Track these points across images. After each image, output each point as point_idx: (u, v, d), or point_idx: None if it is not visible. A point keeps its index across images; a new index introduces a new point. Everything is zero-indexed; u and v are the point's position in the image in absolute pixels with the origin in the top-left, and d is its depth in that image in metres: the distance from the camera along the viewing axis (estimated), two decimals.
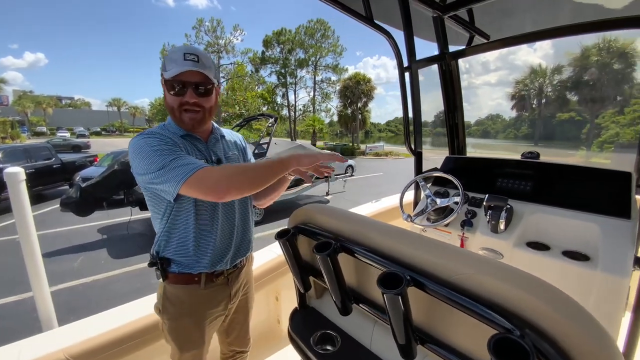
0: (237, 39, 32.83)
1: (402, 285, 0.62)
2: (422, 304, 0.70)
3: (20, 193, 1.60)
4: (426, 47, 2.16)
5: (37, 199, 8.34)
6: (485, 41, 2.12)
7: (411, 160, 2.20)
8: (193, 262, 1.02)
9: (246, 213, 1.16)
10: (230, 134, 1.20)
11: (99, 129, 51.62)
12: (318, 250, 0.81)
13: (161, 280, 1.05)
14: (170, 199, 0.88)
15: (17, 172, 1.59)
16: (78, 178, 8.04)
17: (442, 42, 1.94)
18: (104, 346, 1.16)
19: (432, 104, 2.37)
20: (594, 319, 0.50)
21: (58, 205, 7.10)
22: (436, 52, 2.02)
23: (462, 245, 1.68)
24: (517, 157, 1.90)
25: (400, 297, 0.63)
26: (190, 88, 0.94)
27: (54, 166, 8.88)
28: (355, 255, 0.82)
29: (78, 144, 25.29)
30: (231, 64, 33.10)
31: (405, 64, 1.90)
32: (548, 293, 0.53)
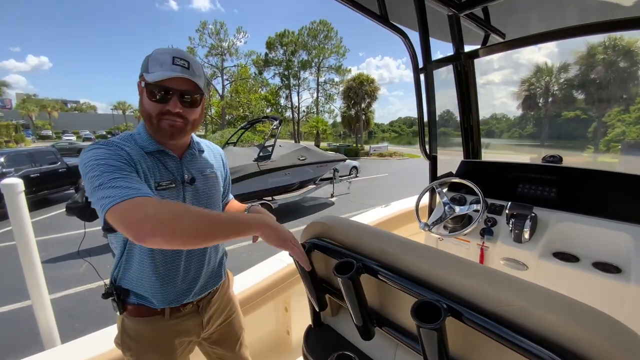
0: (241, 42, 32.99)
1: (441, 318, 0.54)
2: (459, 333, 0.62)
3: (18, 204, 1.54)
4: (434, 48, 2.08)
5: (42, 203, 8.38)
6: (501, 40, 2.03)
7: (415, 160, 2.13)
8: (155, 297, 0.88)
9: None
10: (210, 149, 1.08)
11: (104, 132, 52.14)
12: (339, 271, 0.74)
13: (118, 313, 0.92)
14: (100, 226, 0.75)
15: (15, 184, 1.53)
16: (83, 182, 8.06)
17: (458, 41, 1.87)
18: None
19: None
20: None
21: (64, 210, 7.11)
22: (444, 53, 1.95)
23: (482, 255, 1.59)
24: (528, 159, 1.81)
25: (437, 331, 0.55)
26: (176, 96, 0.82)
27: (60, 170, 8.90)
28: (379, 276, 0.74)
29: (84, 147, 25.52)
30: (235, 66, 33.25)
31: (421, 65, 1.82)
32: (613, 331, 0.46)
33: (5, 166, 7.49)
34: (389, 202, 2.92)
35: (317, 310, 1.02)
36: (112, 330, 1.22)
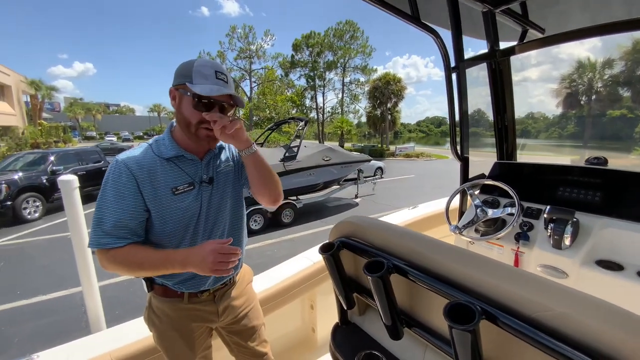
0: (268, 44, 33.67)
1: (475, 320, 0.54)
2: (493, 337, 0.61)
3: (73, 198, 1.71)
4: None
5: (87, 198, 9.05)
6: (540, 36, 1.92)
7: (444, 161, 2.08)
8: (174, 281, 1.00)
9: (236, 231, 1.11)
10: (227, 145, 1.13)
11: (141, 133, 55.58)
12: (369, 270, 0.75)
13: (146, 290, 1.05)
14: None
15: (70, 180, 1.70)
16: None
17: (493, 38, 1.79)
18: (148, 350, 1.17)
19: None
20: None
21: None
22: (473, 50, 1.87)
23: (516, 260, 1.52)
24: (567, 161, 1.71)
25: (471, 334, 0.55)
26: (217, 107, 0.92)
27: (103, 168, 9.60)
28: (410, 277, 0.74)
29: (124, 148, 27.31)
30: (262, 68, 34.03)
31: (453, 64, 1.77)
32: None
33: (56, 164, 8.24)
34: (415, 204, 2.86)
35: (345, 308, 1.04)
36: None
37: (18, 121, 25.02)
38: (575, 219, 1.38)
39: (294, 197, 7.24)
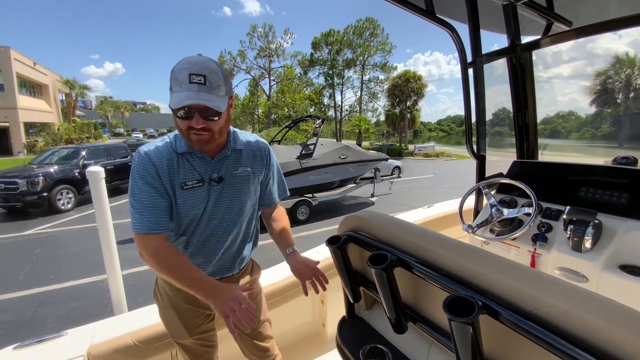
0: (287, 43, 33.86)
1: (474, 313, 0.54)
2: (494, 333, 0.61)
3: (100, 189, 1.83)
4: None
5: (115, 192, 9.56)
6: (566, 29, 1.83)
7: (465, 161, 2.02)
8: None
9: (243, 231, 1.14)
10: (251, 146, 1.12)
11: (165, 130, 57.79)
12: (373, 262, 0.76)
13: None
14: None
15: (98, 171, 1.83)
16: None
17: (514, 32, 1.73)
18: (166, 333, 1.24)
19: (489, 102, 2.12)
20: None
21: None
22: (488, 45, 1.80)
23: (533, 262, 1.47)
24: (603, 162, 1.62)
25: (470, 327, 0.55)
26: (197, 113, 0.88)
27: (129, 163, 10.07)
28: (414, 271, 0.75)
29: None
30: (281, 67, 34.31)
31: (469, 59, 1.72)
32: None
33: (87, 158, 8.76)
34: (432, 204, 2.81)
35: (352, 301, 1.05)
36: None
37: (54, 118, 26.78)
38: (597, 221, 1.31)
39: (310, 195, 7.29)
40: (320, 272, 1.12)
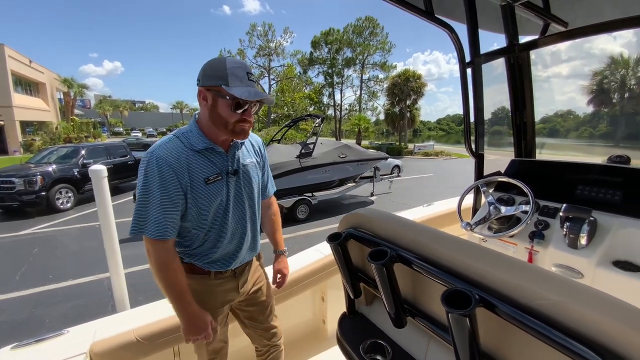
0: (287, 42, 33.81)
1: (472, 305, 0.56)
2: (491, 326, 0.63)
3: (102, 187, 1.85)
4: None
5: (114, 191, 9.56)
6: (563, 29, 1.85)
7: (465, 160, 2.04)
8: (204, 262, 1.11)
9: (255, 216, 1.21)
10: (249, 140, 1.21)
11: (165, 129, 57.65)
12: (373, 258, 0.78)
13: None
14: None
15: (100, 170, 1.84)
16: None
17: (512, 32, 1.75)
18: (170, 329, 1.25)
19: (488, 101, 2.15)
20: None
21: (131, 197, 8.02)
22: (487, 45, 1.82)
23: (530, 259, 1.50)
24: (600, 160, 1.64)
25: (467, 319, 0.57)
26: (252, 107, 1.01)
27: (129, 162, 10.09)
28: (413, 266, 0.77)
29: (148, 143, 28.46)
30: (281, 66, 34.27)
31: (468, 59, 1.74)
32: None
33: (86, 157, 8.74)
34: (431, 202, 2.83)
35: (352, 297, 1.07)
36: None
37: (52, 117, 26.67)
38: (592, 218, 1.34)
39: (309, 194, 7.30)
40: (284, 276, 1.37)
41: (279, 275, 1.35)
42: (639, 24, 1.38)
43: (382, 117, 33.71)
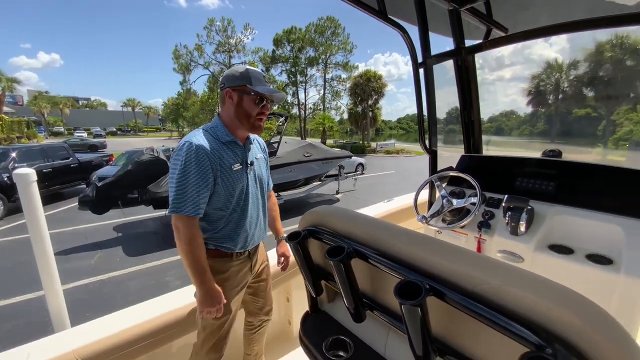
0: (248, 38, 33.00)
1: (422, 295, 0.58)
2: (442, 314, 0.66)
3: (31, 193, 1.60)
4: (439, 42, 2.08)
5: (55, 197, 8.61)
6: (503, 34, 2.02)
7: (423, 158, 2.15)
8: (229, 244, 1.25)
9: (265, 204, 1.40)
10: (255, 138, 1.38)
11: (114, 129, 53.06)
12: (330, 255, 0.78)
13: None
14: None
15: (27, 174, 1.58)
16: (94, 177, 8.20)
17: (458, 36, 1.87)
18: (116, 347, 1.15)
19: (443, 101, 2.29)
20: (629, 336, 0.46)
21: (76, 204, 7.28)
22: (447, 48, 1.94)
23: (479, 247, 1.61)
24: (537, 155, 1.81)
25: (419, 308, 0.59)
26: (270, 103, 1.23)
27: (72, 165, 9.12)
28: (370, 261, 0.78)
29: (95, 144, 25.97)
30: (242, 63, 33.31)
31: (420, 59, 1.83)
32: (581, 306, 0.49)
33: (18, 161, 7.70)
34: (392, 198, 2.94)
35: (314, 295, 1.06)
36: (117, 316, 1.29)
37: None
38: (529, 207, 1.48)
39: (275, 194, 7.20)
40: (287, 259, 1.54)
41: (282, 259, 1.52)
42: (570, 29, 1.54)
43: (345, 116, 34.34)
